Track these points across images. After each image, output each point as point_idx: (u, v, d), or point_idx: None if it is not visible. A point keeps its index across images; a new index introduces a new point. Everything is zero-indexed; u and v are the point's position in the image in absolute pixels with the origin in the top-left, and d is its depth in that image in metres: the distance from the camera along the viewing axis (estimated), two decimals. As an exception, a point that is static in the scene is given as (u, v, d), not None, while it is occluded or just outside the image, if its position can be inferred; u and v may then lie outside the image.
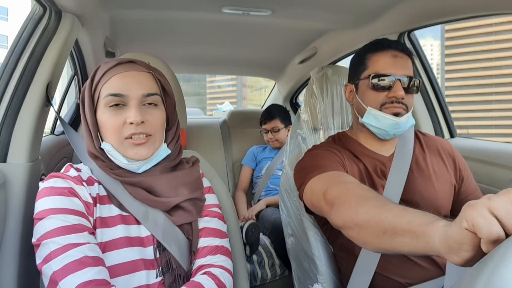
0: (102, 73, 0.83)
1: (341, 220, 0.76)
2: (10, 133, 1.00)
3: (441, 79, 18.66)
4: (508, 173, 1.28)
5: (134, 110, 0.79)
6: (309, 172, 0.97)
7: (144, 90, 0.82)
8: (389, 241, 0.62)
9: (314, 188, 0.92)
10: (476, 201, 0.45)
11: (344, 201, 0.77)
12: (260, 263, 1.77)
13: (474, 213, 0.43)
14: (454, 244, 0.46)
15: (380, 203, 0.69)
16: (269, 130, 2.24)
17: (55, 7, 1.08)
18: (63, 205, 0.75)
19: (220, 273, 0.84)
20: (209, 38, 1.85)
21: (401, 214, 0.62)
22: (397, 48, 1.04)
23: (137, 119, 0.79)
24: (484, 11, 1.20)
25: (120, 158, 0.82)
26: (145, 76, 0.84)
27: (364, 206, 0.70)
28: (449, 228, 0.48)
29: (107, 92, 0.80)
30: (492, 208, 0.43)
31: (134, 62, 0.85)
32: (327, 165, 0.97)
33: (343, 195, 0.79)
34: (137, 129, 0.80)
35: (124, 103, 0.81)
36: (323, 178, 0.92)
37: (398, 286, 0.98)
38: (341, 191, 0.81)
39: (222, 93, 42.58)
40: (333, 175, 0.93)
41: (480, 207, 0.44)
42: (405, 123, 1.03)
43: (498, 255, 0.36)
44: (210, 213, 0.94)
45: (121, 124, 0.80)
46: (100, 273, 0.71)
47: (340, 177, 0.90)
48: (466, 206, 0.46)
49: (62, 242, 0.71)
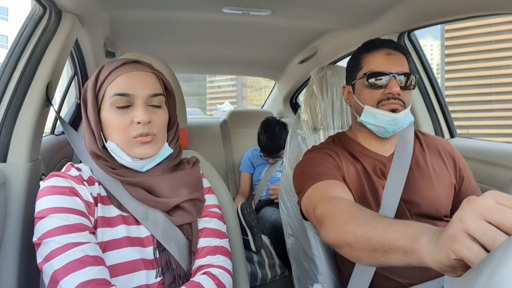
0: (107, 72, 0.83)
1: (332, 240, 0.76)
2: (10, 133, 1.00)
3: (441, 79, 18.66)
4: (508, 173, 1.28)
5: (141, 110, 0.80)
6: (305, 181, 0.98)
7: (150, 90, 0.82)
8: (381, 258, 0.62)
9: (307, 203, 0.93)
10: (452, 227, 0.44)
11: (332, 220, 0.77)
12: (260, 263, 1.77)
13: (458, 245, 0.43)
14: (447, 268, 0.46)
15: (365, 221, 0.68)
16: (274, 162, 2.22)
17: (55, 7, 1.08)
18: (64, 204, 0.75)
19: (219, 273, 0.84)
20: (209, 38, 1.85)
21: (386, 232, 0.61)
22: (390, 46, 1.05)
23: (144, 118, 0.79)
24: (484, 11, 1.20)
25: (125, 157, 0.82)
26: (149, 76, 0.85)
27: (351, 225, 0.70)
28: (437, 254, 0.47)
29: (114, 92, 0.80)
30: (470, 232, 0.42)
31: (138, 62, 0.86)
32: (322, 173, 0.98)
33: (331, 214, 0.79)
34: (144, 129, 0.80)
35: (131, 103, 0.81)
36: (317, 190, 0.93)
37: (398, 286, 0.98)
38: (328, 210, 0.81)
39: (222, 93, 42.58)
40: (325, 186, 0.93)
41: (461, 237, 0.43)
42: (403, 119, 1.03)
43: (498, 255, 0.36)
44: (210, 213, 0.94)
45: (128, 124, 0.80)
46: (101, 273, 0.71)
47: (330, 190, 0.91)
48: (447, 237, 0.45)
49: (63, 241, 0.71)
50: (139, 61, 0.87)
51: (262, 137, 2.20)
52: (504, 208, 0.42)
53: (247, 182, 2.31)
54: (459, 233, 0.43)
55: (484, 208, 0.42)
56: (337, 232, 0.73)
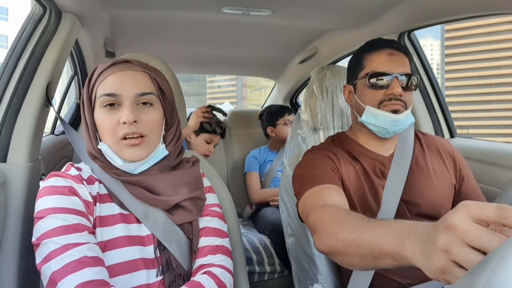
0: (98, 73, 0.83)
1: (323, 248, 0.76)
2: (10, 133, 1.00)
3: (441, 79, 18.67)
4: (508, 173, 1.28)
5: (126, 109, 0.79)
6: (303, 184, 0.98)
7: (138, 89, 0.81)
8: (373, 263, 0.62)
9: (303, 207, 0.94)
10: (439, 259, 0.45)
11: (322, 229, 0.77)
12: (260, 262, 1.77)
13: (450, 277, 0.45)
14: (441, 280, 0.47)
15: (352, 227, 0.68)
16: (291, 122, 2.22)
17: (55, 7, 1.08)
18: (63, 204, 0.75)
19: (220, 272, 0.84)
20: (209, 38, 1.85)
21: (371, 237, 0.61)
22: (392, 47, 1.04)
23: (129, 118, 0.78)
24: (484, 11, 1.20)
25: (117, 159, 0.82)
26: (140, 75, 0.84)
27: (340, 232, 0.70)
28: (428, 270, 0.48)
29: (102, 92, 0.81)
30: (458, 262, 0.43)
31: (129, 62, 0.85)
32: (319, 176, 0.98)
33: (320, 222, 0.79)
34: (131, 128, 0.80)
35: (119, 103, 0.81)
36: (312, 195, 0.93)
37: (398, 286, 0.98)
38: (318, 218, 0.82)
39: (222, 93, 42.59)
40: (320, 192, 0.93)
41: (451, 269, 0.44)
42: (404, 120, 1.03)
43: (498, 255, 0.36)
44: (210, 212, 0.94)
45: (116, 124, 0.80)
46: (99, 273, 0.71)
47: (324, 197, 0.91)
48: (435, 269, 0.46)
49: (62, 242, 0.71)
50: (131, 61, 0.86)
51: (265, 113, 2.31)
52: (480, 230, 0.42)
53: (257, 180, 2.23)
54: (448, 265, 0.44)
55: (465, 234, 0.43)
56: (327, 240, 0.73)
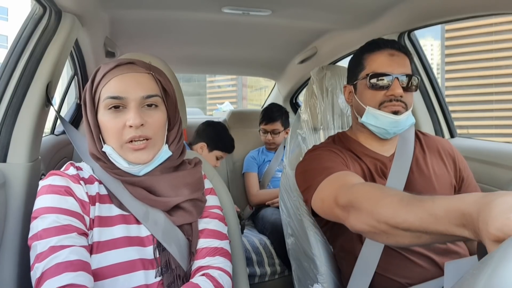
0: (101, 75, 0.82)
1: (363, 227, 0.73)
2: (10, 133, 1.00)
3: (441, 79, 18.67)
4: (508, 173, 1.28)
5: (133, 112, 0.79)
6: (315, 176, 0.96)
7: (143, 92, 0.81)
8: (427, 239, 0.60)
9: (324, 196, 0.90)
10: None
11: (359, 207, 0.74)
12: (260, 262, 1.77)
13: None
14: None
15: (396, 203, 0.65)
16: (269, 131, 2.23)
17: (55, 7, 1.08)
18: (57, 204, 0.75)
19: (218, 275, 0.84)
20: (209, 38, 1.85)
21: (422, 216, 0.59)
22: (393, 47, 1.04)
23: (136, 121, 0.78)
24: (484, 11, 1.20)
25: (121, 162, 0.82)
26: (144, 77, 0.83)
27: (382, 208, 0.67)
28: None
29: (107, 95, 0.80)
30: None
31: (133, 63, 0.84)
32: (331, 166, 0.96)
33: (356, 200, 0.76)
34: (137, 132, 0.79)
35: (124, 106, 0.80)
36: (331, 182, 0.90)
37: (398, 286, 0.98)
38: (352, 196, 0.78)
39: (222, 93, 42.61)
40: (340, 177, 0.91)
41: None
42: (405, 121, 1.03)
43: (498, 255, 0.36)
44: (210, 214, 0.93)
45: (121, 127, 0.80)
46: (78, 277, 0.69)
47: (347, 178, 0.88)
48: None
49: (48, 245, 0.70)
50: (134, 62, 0.85)
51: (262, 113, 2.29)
52: None
53: (256, 181, 2.25)
54: None
55: None
56: (366, 218, 0.71)
